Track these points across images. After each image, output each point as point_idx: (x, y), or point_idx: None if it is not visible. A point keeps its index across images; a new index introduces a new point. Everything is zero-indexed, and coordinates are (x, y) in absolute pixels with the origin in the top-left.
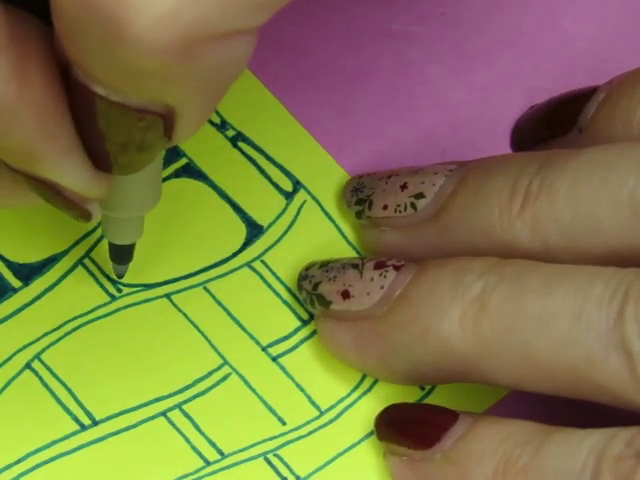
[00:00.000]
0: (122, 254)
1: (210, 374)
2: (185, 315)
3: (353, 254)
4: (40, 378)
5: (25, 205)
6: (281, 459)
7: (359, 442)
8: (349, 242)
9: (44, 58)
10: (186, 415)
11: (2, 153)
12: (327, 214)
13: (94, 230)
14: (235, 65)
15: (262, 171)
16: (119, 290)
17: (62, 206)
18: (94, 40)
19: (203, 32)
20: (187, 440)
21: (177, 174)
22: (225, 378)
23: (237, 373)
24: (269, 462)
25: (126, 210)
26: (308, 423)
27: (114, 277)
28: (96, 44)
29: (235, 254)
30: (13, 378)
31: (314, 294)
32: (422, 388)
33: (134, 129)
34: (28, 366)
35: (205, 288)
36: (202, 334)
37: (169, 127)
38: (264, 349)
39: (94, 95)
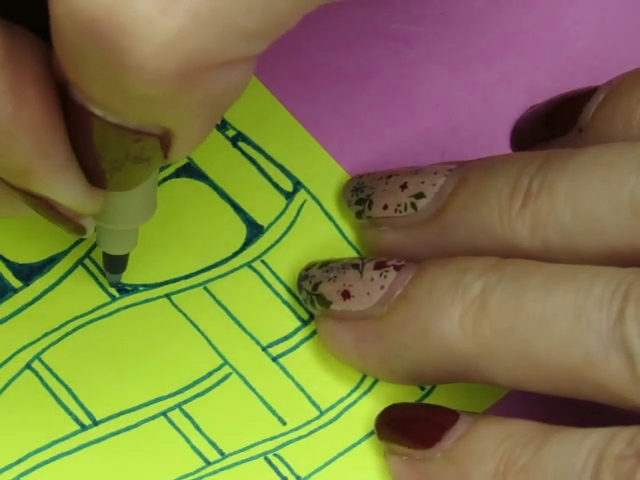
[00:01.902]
0: (116, 264)
1: (210, 374)
2: (185, 315)
3: (353, 254)
4: (40, 378)
5: (19, 216)
6: (281, 459)
7: (359, 442)
8: (349, 242)
9: (41, 77)
10: (186, 415)
11: None
12: (327, 214)
13: (94, 231)
14: (234, 90)
15: (262, 171)
16: (119, 290)
17: (56, 220)
18: (95, 65)
19: (204, 60)
20: (187, 440)
21: (177, 174)
22: (225, 378)
23: (237, 373)
24: (269, 462)
25: (120, 223)
26: (308, 423)
27: (107, 286)
28: (97, 69)
29: (235, 254)
30: (13, 378)
31: (314, 294)
32: (422, 388)
33: (130, 149)
34: (28, 366)
35: (205, 288)
36: (202, 334)
37: (166, 147)
38: (264, 349)
39: (91, 116)
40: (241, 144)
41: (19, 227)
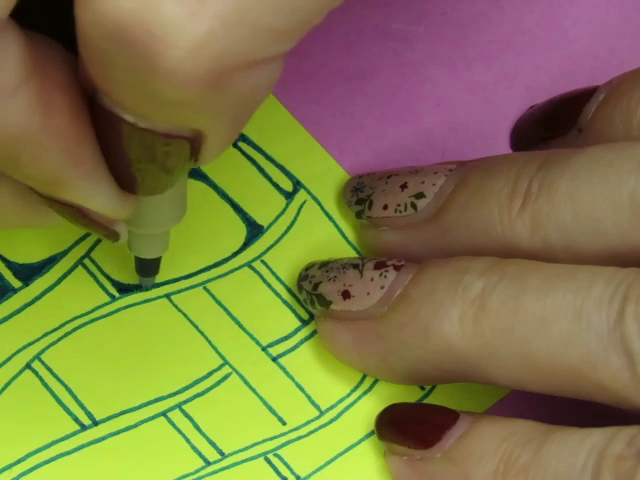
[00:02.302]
0: (148, 267)
1: (210, 374)
2: (185, 315)
3: (353, 254)
4: (40, 378)
5: (51, 225)
6: (281, 459)
7: (359, 442)
8: (349, 242)
9: (68, 86)
10: (186, 415)
11: (29, 180)
12: (327, 214)
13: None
14: (263, 90)
15: (262, 171)
16: (119, 290)
17: (89, 228)
18: (124, 71)
19: (233, 62)
20: (187, 440)
21: None
22: (225, 378)
23: (237, 373)
24: (269, 462)
25: (152, 227)
26: (308, 423)
27: (141, 286)
28: (126, 75)
29: (235, 254)
30: (13, 378)
31: (314, 294)
32: (422, 388)
33: (160, 153)
34: (28, 366)
35: (205, 288)
36: (202, 334)
37: (195, 150)
38: (264, 349)
39: (122, 122)
40: (241, 144)
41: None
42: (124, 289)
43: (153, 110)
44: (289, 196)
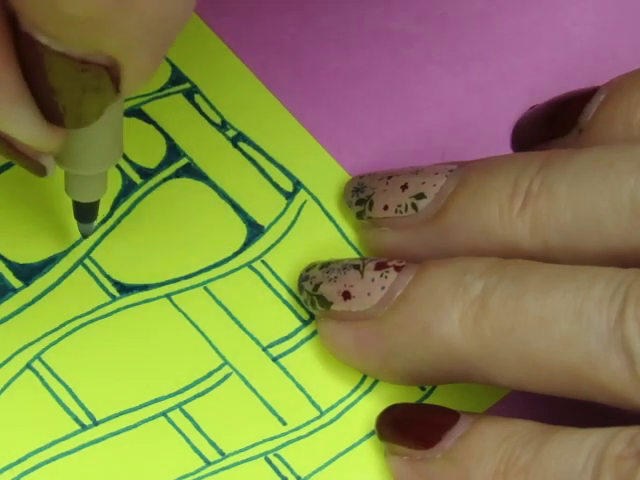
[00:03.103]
0: (86, 212)
1: (210, 374)
2: (185, 315)
3: (354, 254)
4: (40, 378)
5: None
6: (282, 459)
7: (360, 442)
8: (350, 242)
9: None
10: (186, 415)
11: None
12: (327, 214)
13: (94, 230)
14: (176, 17)
15: (262, 171)
16: (119, 290)
17: (15, 158)
18: None
19: None
20: (187, 440)
21: (177, 174)
22: (225, 378)
23: (237, 373)
24: (270, 462)
25: (86, 167)
26: (309, 423)
27: (81, 236)
28: None
29: (235, 254)
30: (14, 378)
31: (315, 295)
32: (423, 388)
33: (79, 80)
34: (28, 366)
35: (205, 288)
36: (202, 334)
37: (115, 79)
38: (264, 349)
39: (37, 44)
40: (241, 144)
41: (19, 227)
42: (124, 289)
43: (62, 29)
44: (289, 196)
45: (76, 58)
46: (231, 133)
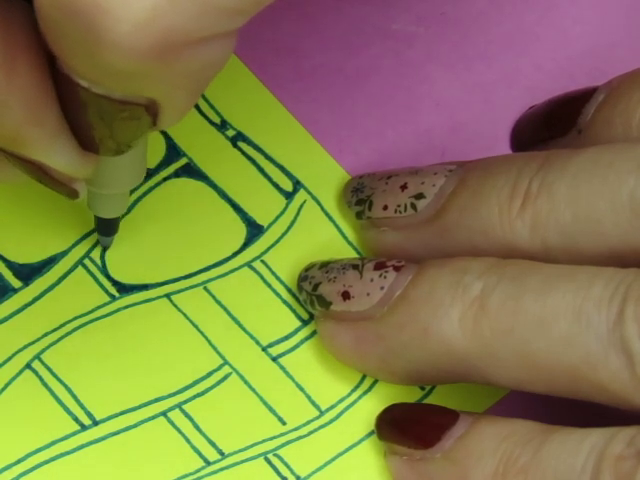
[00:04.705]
0: (107, 227)
1: (210, 374)
2: (185, 315)
3: (353, 254)
4: (40, 378)
5: (14, 182)
6: (281, 459)
7: (359, 442)
8: (349, 242)
9: (32, 45)
10: (186, 415)
11: None
12: (327, 214)
13: (94, 230)
14: (215, 64)
15: (262, 171)
16: (119, 290)
17: (49, 185)
18: (75, 41)
19: (180, 38)
20: (187, 440)
21: (177, 174)
22: (225, 378)
23: (237, 373)
24: (269, 462)
25: (111, 187)
26: (308, 423)
27: (102, 248)
28: (77, 45)
29: (235, 254)
30: (13, 378)
31: (314, 295)
32: (422, 388)
33: (117, 118)
34: (28, 366)
35: (205, 288)
36: (202, 334)
37: (153, 115)
38: (264, 349)
39: (77, 86)
40: (241, 144)
41: (19, 227)
42: (124, 289)
43: (104, 79)
44: (289, 196)
45: (116, 100)
46: (231, 133)
